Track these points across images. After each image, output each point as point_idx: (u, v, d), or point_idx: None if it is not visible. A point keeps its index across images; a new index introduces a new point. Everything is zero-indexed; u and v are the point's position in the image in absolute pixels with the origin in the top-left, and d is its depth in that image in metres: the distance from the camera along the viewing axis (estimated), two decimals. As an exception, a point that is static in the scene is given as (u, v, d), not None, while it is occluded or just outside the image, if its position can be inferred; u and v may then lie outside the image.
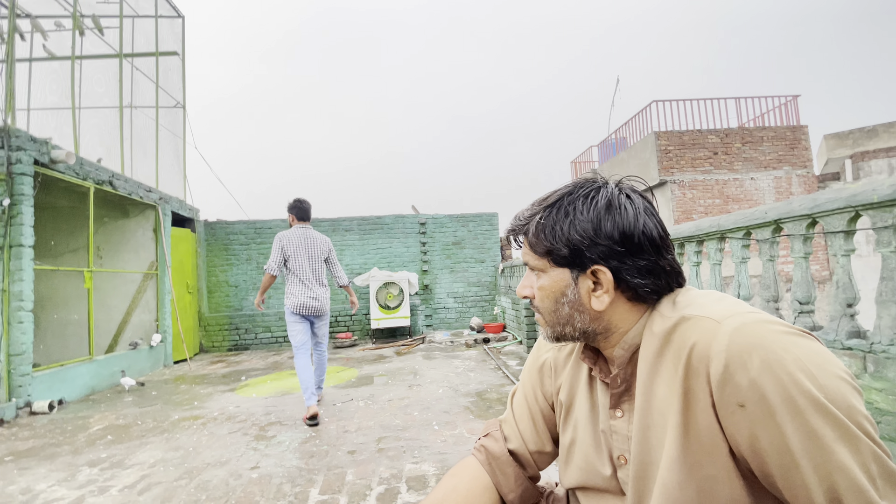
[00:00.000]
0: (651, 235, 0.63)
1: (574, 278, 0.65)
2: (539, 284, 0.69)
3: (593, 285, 0.64)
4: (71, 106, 5.35)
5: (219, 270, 7.79)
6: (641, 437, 0.61)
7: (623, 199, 0.65)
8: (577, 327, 0.67)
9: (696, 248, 3.09)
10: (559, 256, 0.65)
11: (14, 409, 3.76)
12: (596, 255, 0.63)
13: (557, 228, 0.65)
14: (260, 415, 3.50)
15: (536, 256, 0.68)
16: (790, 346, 0.50)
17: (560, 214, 0.65)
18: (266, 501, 2.07)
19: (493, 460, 0.81)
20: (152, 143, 6.57)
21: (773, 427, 0.49)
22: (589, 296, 0.65)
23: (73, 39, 5.50)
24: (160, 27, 6.79)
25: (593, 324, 0.66)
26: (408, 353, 6.12)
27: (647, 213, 0.65)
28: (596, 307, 0.64)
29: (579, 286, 0.65)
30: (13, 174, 3.97)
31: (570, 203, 0.66)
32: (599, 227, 0.63)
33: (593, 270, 0.63)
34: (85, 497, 2.22)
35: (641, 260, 0.62)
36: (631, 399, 0.65)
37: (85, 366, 4.65)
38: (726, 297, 0.60)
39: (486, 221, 8.59)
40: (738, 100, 10.02)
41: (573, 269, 0.65)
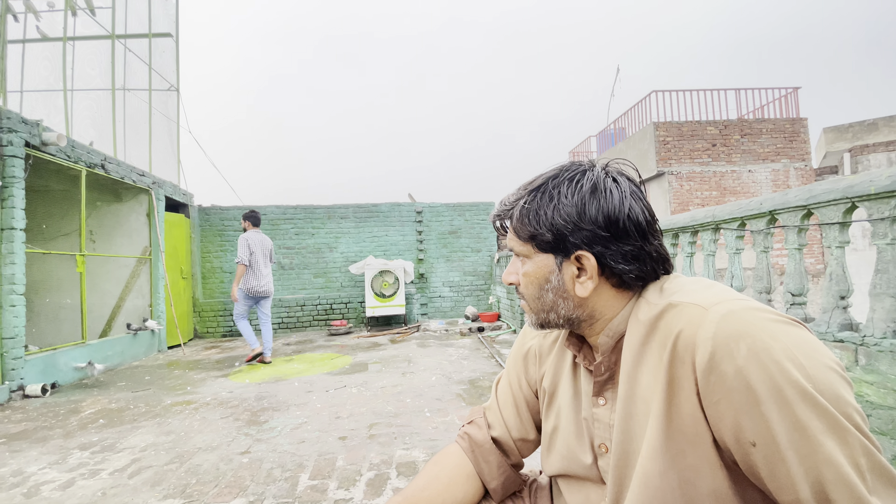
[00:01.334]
0: (637, 220, 0.62)
1: (558, 264, 0.64)
2: (524, 270, 0.68)
3: (577, 271, 0.63)
4: (63, 88, 5.26)
5: (213, 256, 7.75)
6: (624, 425, 0.60)
7: (609, 183, 0.63)
8: (561, 314, 0.66)
9: (690, 239, 3.08)
10: (543, 242, 0.64)
11: (7, 392, 3.76)
12: (580, 240, 0.61)
13: (541, 213, 0.63)
14: (252, 400, 3.50)
15: (521, 242, 0.67)
16: (779, 335, 0.49)
17: (544, 199, 0.64)
18: (256, 486, 2.07)
19: (475, 448, 0.80)
20: (145, 126, 6.48)
21: (758, 417, 0.47)
22: (573, 282, 0.64)
23: (65, 20, 5.40)
24: (153, 8, 6.66)
25: (577, 310, 0.65)
26: (402, 341, 6.13)
27: (634, 197, 0.63)
28: (580, 293, 0.63)
29: (563, 272, 0.64)
30: (4, 156, 3.91)
31: (554, 187, 0.64)
32: (583, 211, 0.61)
33: (577, 256, 0.62)
34: (76, 480, 2.22)
35: (626, 245, 0.61)
36: (614, 387, 0.64)
37: (78, 350, 4.64)
38: (715, 285, 0.59)
39: (482, 210, 8.56)
40: (738, 91, 9.96)
41: (557, 254, 0.64)
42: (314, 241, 8.05)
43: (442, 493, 0.76)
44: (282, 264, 7.94)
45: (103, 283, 5.88)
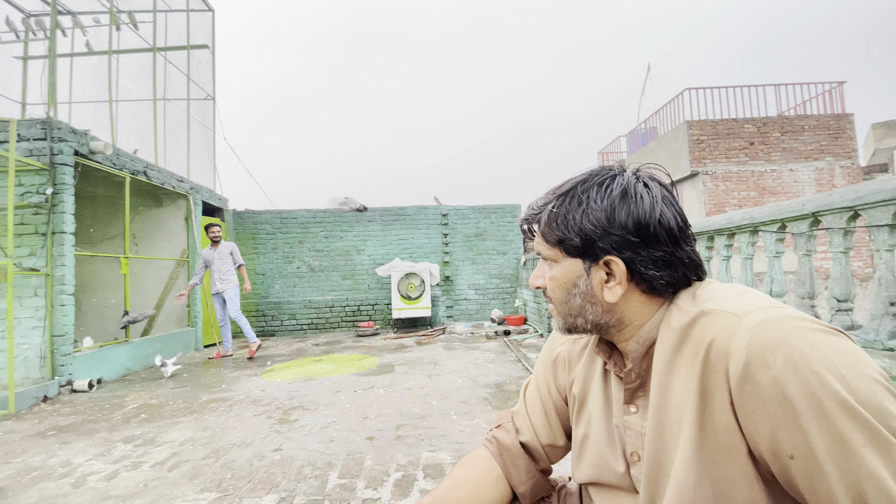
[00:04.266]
0: (668, 226, 0.61)
1: (586, 269, 0.64)
2: (551, 274, 0.68)
3: (606, 276, 0.63)
4: (108, 99, 5.56)
5: (246, 258, 8.00)
6: (656, 434, 0.59)
7: (639, 188, 0.62)
8: (588, 319, 0.66)
9: (726, 242, 2.98)
10: (571, 246, 0.64)
11: (57, 386, 3.99)
12: (609, 245, 0.61)
13: (570, 217, 0.63)
14: (284, 399, 3.59)
15: (548, 246, 0.67)
16: (818, 344, 0.47)
17: (573, 203, 0.64)
18: (287, 482, 2.13)
19: (504, 452, 0.80)
20: (184, 134, 6.77)
21: (796, 430, 0.46)
22: (601, 287, 0.63)
23: (109, 34, 5.70)
24: (191, 21, 6.95)
25: (606, 316, 0.64)
26: (428, 343, 6.16)
27: (666, 202, 0.62)
28: (608, 299, 0.63)
29: (591, 277, 0.63)
30: (55, 164, 4.16)
31: (583, 191, 0.64)
32: (613, 216, 0.61)
33: (606, 261, 0.62)
34: (119, 471, 2.34)
35: (657, 251, 0.60)
36: (646, 394, 0.64)
37: (122, 347, 4.88)
38: (750, 291, 0.57)
39: (508, 213, 8.52)
40: (778, 87, 9.56)
41: (585, 259, 0.63)
42: (342, 243, 8.20)
43: (470, 495, 0.76)
44: (311, 266, 8.12)
45: (145, 284, 6.17)
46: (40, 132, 4.17)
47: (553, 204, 0.66)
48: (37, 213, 4.13)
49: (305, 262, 8.13)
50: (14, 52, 5.68)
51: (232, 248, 5.64)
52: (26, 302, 4.03)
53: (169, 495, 2.05)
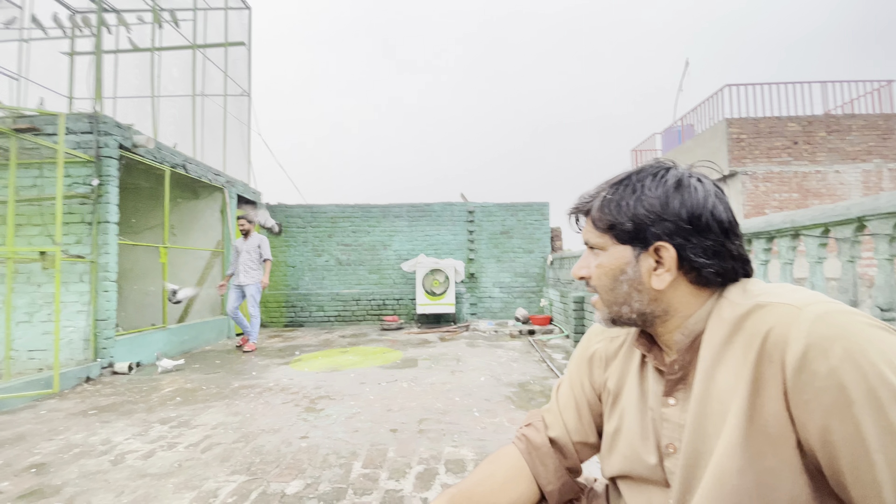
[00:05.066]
0: (720, 218, 0.62)
1: (636, 256, 0.64)
2: (598, 262, 0.68)
3: (655, 264, 0.63)
4: (151, 94, 5.79)
5: (277, 251, 8.21)
6: (697, 425, 0.59)
7: (693, 181, 0.64)
8: (634, 307, 0.66)
9: (765, 246, 2.86)
10: (622, 232, 0.65)
11: (99, 368, 4.20)
12: (661, 231, 0.62)
13: (623, 204, 0.65)
14: (311, 388, 3.68)
15: (598, 233, 0.68)
16: (876, 339, 0.48)
17: (627, 191, 0.65)
18: (313, 469, 2.18)
19: (533, 450, 0.80)
20: (220, 129, 6.99)
21: (848, 419, 0.46)
22: (650, 274, 0.64)
23: (152, 32, 5.93)
24: (229, 18, 7.16)
25: (652, 305, 0.65)
26: (451, 339, 6.18)
27: (717, 197, 0.63)
28: (656, 286, 0.63)
29: (640, 264, 0.64)
30: (101, 157, 4.37)
31: (638, 181, 0.65)
32: (667, 203, 0.62)
33: (657, 248, 0.62)
34: (155, 451, 2.45)
35: (708, 240, 0.61)
36: (686, 387, 0.64)
37: (159, 333, 5.10)
38: (801, 288, 0.57)
39: (536, 211, 8.43)
40: (824, 84, 9.10)
41: (636, 245, 0.64)
42: (370, 238, 8.31)
43: (496, 491, 0.76)
44: (339, 260, 8.26)
45: (182, 273, 6.42)
46: (87, 126, 4.38)
47: (606, 192, 0.67)
48: (83, 203, 4.35)
49: (334, 255, 8.28)
50: (61, 48, 5.98)
51: (261, 242, 5.68)
52: (72, 287, 4.26)
53: (201, 475, 2.14)
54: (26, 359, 4.21)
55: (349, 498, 1.91)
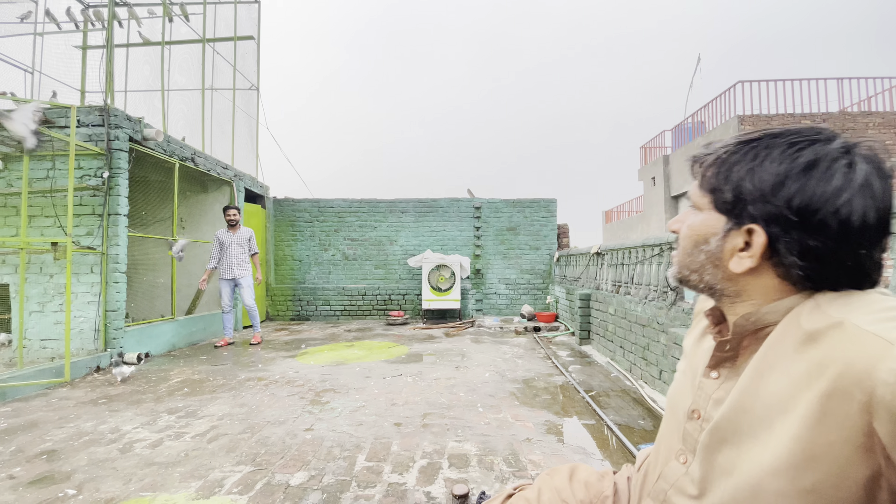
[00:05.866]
0: (848, 219, 0.50)
1: (725, 229, 0.58)
2: (689, 222, 0.64)
3: (742, 244, 0.57)
4: (161, 88, 5.83)
5: (285, 245, 8.26)
6: (732, 415, 0.57)
7: (838, 166, 0.52)
8: (704, 279, 0.62)
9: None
10: (720, 200, 0.59)
11: (109, 358, 4.26)
12: (759, 213, 0.54)
13: (734, 170, 0.57)
14: (316, 381, 3.71)
15: (701, 192, 0.62)
16: None
17: (747, 155, 0.57)
18: (317, 461, 2.20)
19: None
20: (229, 123, 7.02)
21: None
22: (732, 253, 0.58)
23: (163, 26, 5.96)
24: (238, 13, 7.17)
25: (724, 283, 0.60)
26: (457, 335, 6.19)
27: (865, 192, 0.51)
28: (733, 268, 0.57)
29: (726, 240, 0.58)
30: (112, 149, 4.42)
31: (766, 146, 0.56)
32: (781, 185, 0.53)
33: (748, 229, 0.55)
34: (163, 440, 2.48)
35: (813, 240, 0.51)
36: (734, 368, 0.61)
37: (168, 324, 5.16)
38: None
39: (543, 208, 8.39)
40: (840, 80, 8.93)
41: (730, 219, 0.58)
42: (376, 233, 8.33)
43: None
44: (346, 254, 8.30)
45: (190, 265, 6.47)
46: (98, 118, 4.43)
47: (728, 149, 0.59)
48: (94, 196, 4.40)
49: (340, 250, 8.31)
50: (74, 41, 6.03)
51: (251, 235, 5.57)
52: (83, 278, 4.31)
53: (208, 465, 2.17)
54: (38, 348, 4.28)
55: (353, 490, 1.93)
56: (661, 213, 12.40)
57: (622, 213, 17.57)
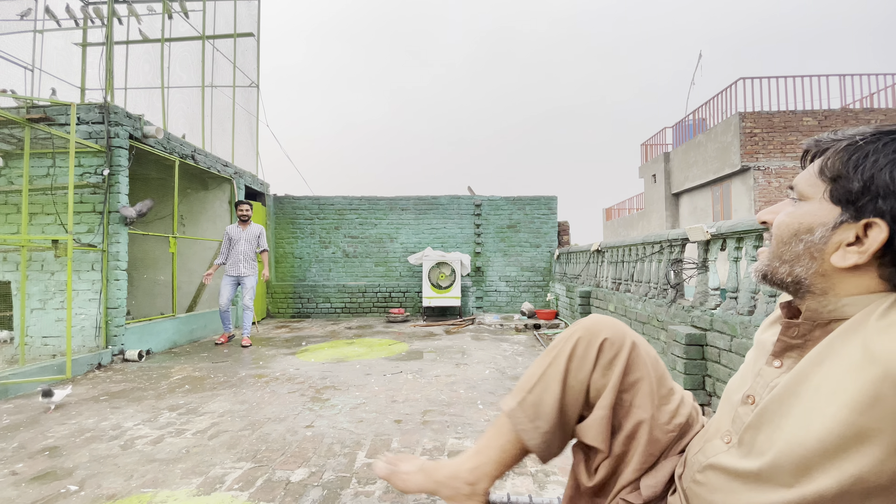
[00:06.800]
0: None
1: (836, 222, 0.55)
2: (791, 211, 0.61)
3: (853, 239, 0.54)
4: (161, 85, 5.82)
5: (285, 242, 8.27)
6: (782, 398, 0.57)
7: None
8: (795, 273, 0.59)
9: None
10: (842, 189, 0.55)
11: (110, 355, 4.28)
12: (889, 208, 0.51)
13: (870, 159, 0.54)
14: (316, 378, 3.71)
15: (816, 179, 0.59)
16: None
17: (889, 147, 0.53)
18: (318, 458, 2.21)
19: None
20: (229, 120, 7.01)
21: None
22: (837, 247, 0.55)
23: (162, 23, 5.95)
24: (238, 9, 7.15)
25: (815, 278, 0.58)
26: (457, 332, 6.19)
27: None
28: (836, 262, 0.55)
29: (835, 232, 0.55)
30: (112, 147, 4.42)
31: None
32: None
33: (868, 223, 0.53)
34: (164, 437, 2.49)
35: None
36: (799, 360, 0.59)
37: (169, 321, 5.17)
38: None
39: (543, 205, 8.39)
40: (842, 77, 8.90)
41: (846, 210, 0.55)
42: (376, 231, 8.33)
43: None
44: (346, 252, 8.30)
45: (191, 263, 6.48)
46: (98, 116, 4.42)
47: (865, 137, 0.56)
48: (94, 193, 4.40)
49: (341, 247, 8.31)
50: (73, 38, 6.02)
51: (260, 232, 5.47)
52: (84, 276, 4.32)
53: (209, 462, 2.17)
54: (40, 345, 4.29)
55: (353, 487, 1.93)
56: (662, 210, 12.39)
57: (623, 211, 17.56)
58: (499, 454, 0.88)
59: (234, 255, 5.29)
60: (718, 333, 2.71)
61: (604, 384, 0.83)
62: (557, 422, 0.85)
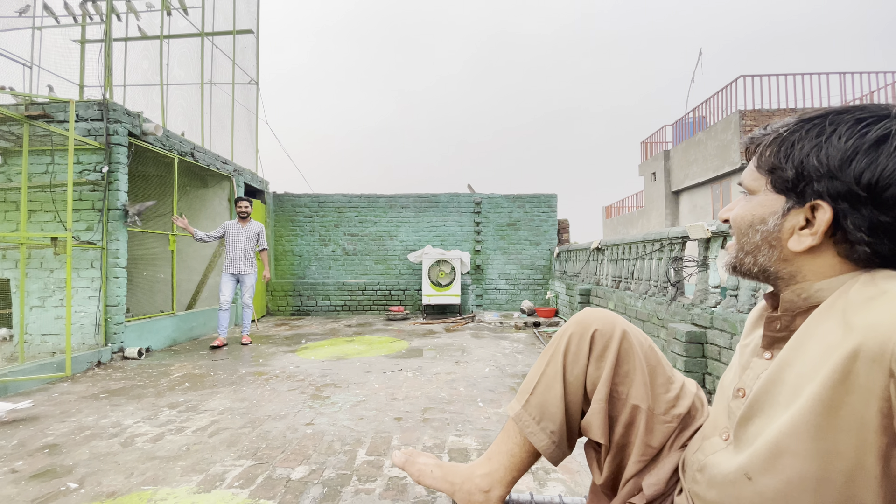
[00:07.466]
0: None
1: (784, 209, 0.57)
2: (743, 205, 0.63)
3: (804, 222, 0.56)
4: (160, 82, 5.80)
5: (285, 240, 8.26)
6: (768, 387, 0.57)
7: None
8: (759, 262, 0.61)
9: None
10: (780, 179, 0.58)
11: (109, 353, 4.27)
12: (825, 189, 0.53)
13: (797, 147, 0.56)
14: (316, 376, 3.71)
15: (757, 174, 0.61)
16: None
17: (811, 133, 0.56)
18: (318, 455, 2.21)
19: None
20: (228, 118, 6.99)
21: None
22: (791, 232, 0.57)
23: (161, 20, 5.92)
24: (237, 6, 7.12)
25: (779, 265, 0.59)
26: (457, 330, 6.20)
27: None
28: (792, 247, 0.57)
29: (786, 219, 0.57)
30: (111, 144, 4.40)
31: (832, 122, 0.55)
32: (850, 161, 0.52)
33: (812, 206, 0.55)
34: (164, 434, 2.49)
35: (884, 216, 0.51)
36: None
37: (169, 319, 5.16)
38: None
39: (543, 203, 8.38)
40: (843, 75, 8.89)
41: (789, 197, 0.57)
42: (376, 228, 8.32)
43: None
44: (346, 250, 8.30)
45: (190, 260, 6.48)
46: (97, 113, 4.41)
47: (789, 128, 0.58)
48: (93, 190, 4.39)
49: (340, 245, 8.31)
50: (72, 35, 5.99)
51: (260, 230, 5.37)
52: (83, 273, 4.31)
53: (209, 459, 2.17)
54: (39, 342, 4.29)
55: (353, 484, 1.93)
56: (662, 208, 12.38)
57: (622, 209, 17.56)
58: (509, 459, 0.89)
59: (233, 253, 5.20)
60: (719, 331, 2.71)
61: (598, 376, 0.83)
62: (563, 420, 0.85)
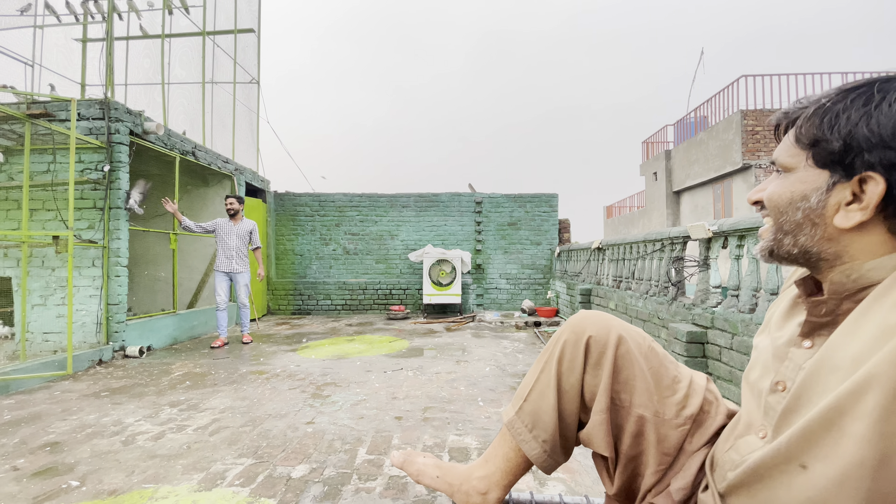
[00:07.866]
0: None
1: (829, 184, 0.53)
2: (779, 183, 0.59)
3: (851, 198, 0.52)
4: (161, 81, 5.81)
5: (286, 239, 8.27)
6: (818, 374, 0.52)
7: None
8: (799, 242, 0.57)
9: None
10: (825, 152, 0.53)
11: (111, 351, 4.28)
12: (878, 160, 0.49)
13: (844, 116, 0.52)
14: (317, 375, 3.72)
15: (795, 149, 0.57)
16: None
17: (858, 101, 0.51)
18: (319, 454, 2.21)
19: None
20: (230, 117, 7.00)
21: None
22: (837, 208, 0.53)
23: (163, 18, 5.93)
24: (238, 5, 7.13)
25: (822, 244, 0.55)
26: (457, 329, 6.20)
27: None
28: (839, 223, 0.53)
29: (830, 195, 0.53)
30: (112, 143, 4.41)
31: (880, 90, 0.51)
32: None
33: (862, 178, 0.50)
34: (165, 433, 2.50)
35: None
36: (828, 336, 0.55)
37: (170, 318, 5.17)
38: None
39: (544, 202, 8.37)
40: (845, 74, 8.87)
41: (835, 171, 0.53)
42: (377, 228, 8.32)
43: None
44: (346, 249, 8.30)
45: (191, 259, 6.48)
46: (98, 112, 4.41)
47: (830, 99, 0.54)
48: (95, 189, 4.40)
49: (341, 244, 8.31)
50: (73, 34, 6.00)
51: (253, 228, 5.26)
52: (85, 272, 4.32)
53: (210, 458, 2.18)
54: (41, 341, 4.30)
55: (354, 483, 1.94)
56: (663, 208, 12.37)
57: (623, 209, 17.54)
58: (505, 463, 0.87)
59: (224, 251, 5.08)
60: (719, 331, 2.71)
61: (596, 384, 0.79)
62: (557, 429, 0.82)
